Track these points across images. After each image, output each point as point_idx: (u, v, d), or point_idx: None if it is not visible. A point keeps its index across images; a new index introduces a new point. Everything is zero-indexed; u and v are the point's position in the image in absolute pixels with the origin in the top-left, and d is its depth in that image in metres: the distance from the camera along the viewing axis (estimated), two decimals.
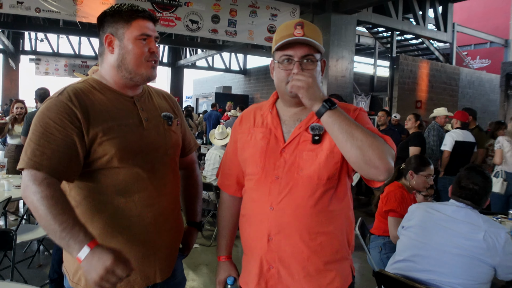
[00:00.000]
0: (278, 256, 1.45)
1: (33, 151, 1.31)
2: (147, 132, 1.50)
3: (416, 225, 2.31)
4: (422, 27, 12.09)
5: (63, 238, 1.24)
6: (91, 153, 1.39)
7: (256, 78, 19.86)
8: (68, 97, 1.38)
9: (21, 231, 3.60)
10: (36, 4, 6.93)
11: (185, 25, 8.12)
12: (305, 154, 1.42)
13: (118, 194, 1.43)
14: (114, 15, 1.48)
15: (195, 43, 16.28)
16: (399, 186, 3.14)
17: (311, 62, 1.43)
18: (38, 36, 17.83)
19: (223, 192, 1.73)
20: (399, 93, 11.91)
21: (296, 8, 9.21)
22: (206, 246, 4.82)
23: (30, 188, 1.28)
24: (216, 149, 5.40)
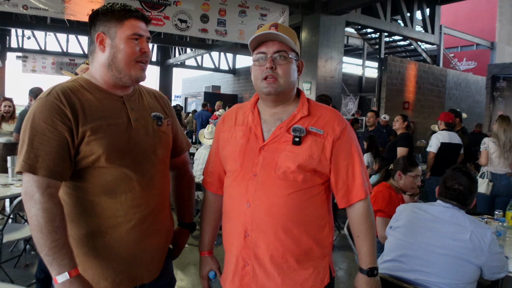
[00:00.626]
0: (254, 252, 1.47)
1: (27, 153, 1.32)
2: (136, 132, 1.50)
3: (403, 225, 2.33)
4: (410, 28, 12.21)
5: (48, 255, 1.29)
6: (79, 152, 1.39)
7: (245, 78, 19.86)
8: (57, 97, 1.37)
9: (8, 230, 3.56)
10: (23, 1, 6.85)
11: (174, 24, 8.09)
12: (284, 154, 1.45)
13: (105, 194, 1.43)
14: (106, 14, 1.48)
15: (184, 42, 16.24)
16: (387, 186, 3.17)
17: (284, 58, 1.48)
18: (25, 33, 17.59)
19: (206, 190, 1.75)
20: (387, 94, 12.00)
21: (286, 9, 9.23)
22: (195, 245, 4.80)
23: (34, 196, 1.30)
24: (205, 148, 5.39)
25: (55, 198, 1.34)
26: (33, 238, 1.32)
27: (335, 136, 1.47)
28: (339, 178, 1.50)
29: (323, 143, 1.46)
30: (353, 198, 1.51)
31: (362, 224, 1.52)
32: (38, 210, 1.29)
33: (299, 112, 1.51)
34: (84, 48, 18.80)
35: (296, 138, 1.45)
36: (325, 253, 1.52)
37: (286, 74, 1.48)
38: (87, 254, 1.44)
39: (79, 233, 1.44)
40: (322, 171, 1.47)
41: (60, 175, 1.35)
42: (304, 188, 1.45)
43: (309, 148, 1.44)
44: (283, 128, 1.48)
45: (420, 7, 12.63)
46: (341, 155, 1.48)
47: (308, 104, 1.54)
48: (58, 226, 1.31)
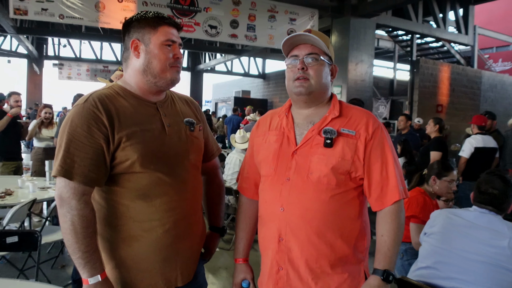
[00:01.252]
0: (288, 257, 1.48)
1: (63, 159, 1.36)
2: (169, 138, 1.53)
3: (439, 231, 2.28)
4: (442, 30, 11.95)
5: (82, 259, 1.35)
6: (115, 157, 1.43)
7: (275, 82, 19.86)
8: (93, 104, 1.41)
9: (45, 232, 3.68)
10: (59, 11, 7.09)
11: (204, 30, 8.19)
12: (316, 158, 1.45)
13: (140, 198, 1.46)
14: (140, 21, 1.52)
15: (214, 48, 16.39)
16: (421, 191, 3.11)
17: (315, 60, 1.49)
18: (61, 42, 18.18)
19: (242, 195, 1.77)
20: (420, 97, 11.77)
21: (315, 12, 9.20)
22: (226, 249, 4.83)
23: (70, 202, 1.35)
24: (236, 152, 5.42)
25: (90, 204, 1.39)
26: (66, 241, 1.37)
27: (368, 136, 1.46)
28: (372, 179, 1.47)
29: (356, 144, 1.45)
30: (387, 200, 1.46)
31: (389, 223, 1.46)
32: (75, 217, 1.34)
33: (330, 114, 1.51)
34: (117, 55, 19.26)
35: (328, 140, 1.44)
36: (360, 259, 1.50)
37: (318, 76, 1.49)
38: (123, 257, 1.48)
39: (115, 236, 1.48)
40: (355, 174, 1.45)
41: (95, 182, 1.39)
42: (338, 193, 1.44)
43: (341, 150, 1.44)
44: (314, 131, 1.49)
45: (453, 7, 12.34)
46: (374, 155, 1.46)
47: (340, 106, 1.54)
48: (92, 231, 1.37)
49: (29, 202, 3.46)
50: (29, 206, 3.50)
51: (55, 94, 33.58)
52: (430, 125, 5.86)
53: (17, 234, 2.76)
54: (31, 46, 15.88)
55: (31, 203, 3.50)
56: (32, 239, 2.74)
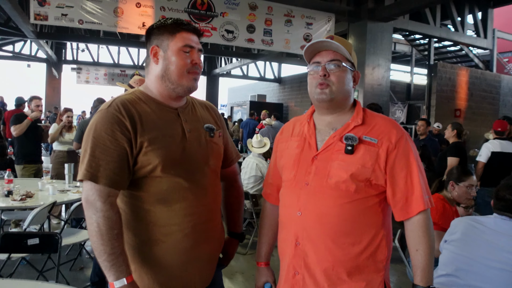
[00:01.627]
0: (304, 262, 1.47)
1: (89, 162, 1.38)
2: (190, 143, 1.54)
3: (459, 238, 2.25)
4: (460, 33, 11.82)
5: (108, 261, 1.35)
6: (137, 162, 1.44)
7: (290, 87, 19.85)
8: (117, 108, 1.44)
9: (64, 234, 3.73)
10: (79, 16, 7.22)
11: (221, 35, 8.24)
12: (336, 163, 1.44)
13: (160, 202, 1.47)
14: (160, 28, 1.55)
15: (230, 52, 16.47)
16: (441, 198, 3.06)
17: (337, 66, 1.48)
18: (79, 46, 18.47)
19: (265, 200, 1.79)
20: (437, 101, 11.66)
21: (332, 17, 9.19)
22: (242, 254, 4.84)
23: (95, 204, 1.37)
24: (253, 157, 5.42)
25: (115, 206, 1.41)
26: (92, 243, 1.38)
27: (391, 145, 1.44)
28: (396, 189, 1.44)
29: (377, 152, 1.43)
30: (412, 210, 1.44)
31: (422, 237, 1.44)
32: (100, 218, 1.35)
33: (353, 121, 1.50)
34: (134, 59, 19.49)
35: (349, 147, 1.44)
36: (380, 268, 1.47)
37: (340, 82, 1.48)
38: (143, 261, 1.49)
39: (136, 240, 1.49)
40: (376, 182, 1.44)
41: (120, 184, 1.41)
42: (357, 199, 1.42)
43: (362, 157, 1.43)
44: (336, 137, 1.48)
45: (471, 11, 12.21)
46: (398, 165, 1.44)
47: (364, 113, 1.53)
48: (117, 233, 1.38)
49: (49, 204, 3.52)
50: (49, 208, 3.55)
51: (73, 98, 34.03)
52: (448, 130, 5.80)
53: (38, 236, 2.81)
54: (50, 51, 16.15)
55: (51, 206, 3.56)
56: (53, 241, 2.78)
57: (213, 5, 8.07)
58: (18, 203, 3.60)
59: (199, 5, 7.95)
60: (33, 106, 5.60)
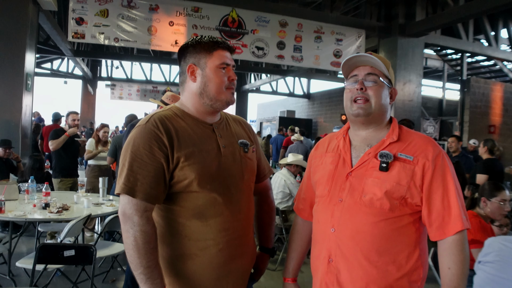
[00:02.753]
0: (337, 279, 1.45)
1: (127, 177, 1.42)
2: (225, 159, 1.56)
3: (495, 260, 2.19)
4: (494, 48, 11.57)
5: (143, 274, 1.38)
6: (173, 177, 1.47)
7: (319, 102, 19.81)
8: (155, 124, 1.47)
9: (98, 247, 3.81)
10: (115, 35, 7.47)
11: (251, 51, 8.34)
12: (371, 181, 1.43)
13: (195, 217, 1.49)
14: (196, 46, 1.59)
15: (260, 69, 16.61)
16: (474, 215, 2.99)
17: (375, 81, 1.48)
18: (113, 64, 19.03)
19: (297, 216, 1.79)
20: (471, 117, 11.40)
21: (362, 33, 9.17)
22: (271, 270, 4.82)
23: (132, 218, 1.40)
24: (282, 173, 5.45)
25: (151, 221, 1.43)
26: (128, 257, 1.40)
27: (427, 162, 1.42)
28: (432, 208, 1.41)
29: (413, 169, 1.41)
30: (449, 230, 1.39)
31: (455, 255, 1.38)
32: (137, 232, 1.38)
33: (388, 138, 1.49)
34: (166, 76, 19.90)
35: (383, 164, 1.42)
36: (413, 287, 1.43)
37: (377, 96, 1.48)
38: (177, 275, 1.51)
39: (171, 254, 1.52)
40: (411, 200, 1.41)
41: (156, 199, 1.44)
42: (391, 217, 1.40)
43: (397, 175, 1.41)
44: (371, 154, 1.48)
45: (505, 25, 11.94)
46: (434, 183, 1.41)
47: (399, 130, 1.52)
48: (153, 247, 1.41)
49: (85, 217, 3.61)
50: (84, 221, 3.65)
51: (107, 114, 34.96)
52: (480, 146, 5.71)
53: (74, 248, 2.89)
54: (86, 68, 16.71)
55: (86, 218, 3.65)
56: (88, 253, 2.86)
57: (243, 22, 8.20)
58: (54, 215, 3.71)
59: (230, 23, 8.09)
60: (69, 121, 5.80)
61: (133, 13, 7.53)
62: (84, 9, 7.34)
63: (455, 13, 8.29)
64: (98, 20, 7.40)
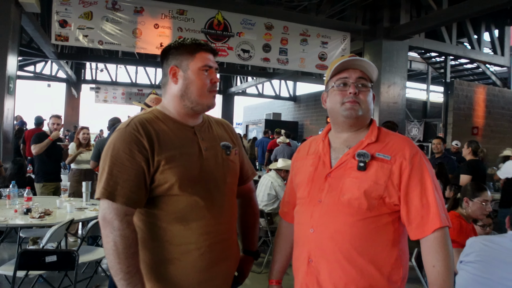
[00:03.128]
0: (317, 279, 1.45)
1: (107, 181, 1.39)
2: (207, 162, 1.55)
3: (476, 260, 2.20)
4: (477, 51, 11.74)
5: (123, 280, 1.35)
6: (154, 180, 1.45)
7: (305, 105, 19.89)
8: (135, 128, 1.45)
9: (81, 252, 3.75)
10: (99, 37, 7.39)
11: (237, 54, 8.33)
12: (349, 180, 1.44)
13: (177, 221, 1.48)
14: (178, 48, 1.57)
15: (246, 71, 16.63)
16: (456, 215, 3.02)
17: (365, 86, 1.50)
18: (98, 66, 18.86)
19: (282, 219, 1.80)
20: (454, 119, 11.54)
21: (347, 35, 9.23)
22: (257, 273, 4.80)
23: (112, 223, 1.37)
24: (270, 175, 5.46)
25: (132, 225, 1.41)
26: (108, 262, 1.38)
27: (404, 161, 1.43)
28: (411, 207, 1.41)
29: (390, 169, 1.42)
30: (428, 228, 1.38)
31: (439, 253, 1.36)
32: (117, 237, 1.36)
33: (367, 139, 1.51)
34: (151, 79, 19.79)
35: (361, 163, 1.43)
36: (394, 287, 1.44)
37: (366, 101, 1.51)
38: (159, 280, 1.49)
39: (152, 259, 1.49)
40: (389, 200, 1.42)
41: (137, 203, 1.42)
42: (370, 217, 1.41)
43: (375, 174, 1.42)
44: (349, 155, 1.49)
45: (488, 28, 12.14)
46: (412, 182, 1.41)
47: (378, 131, 1.53)
48: (134, 252, 1.38)
49: (67, 222, 3.56)
50: (66, 226, 3.59)
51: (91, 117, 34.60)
52: (464, 147, 5.79)
53: (56, 253, 2.84)
54: (70, 71, 16.54)
55: (68, 223, 3.60)
56: (70, 259, 2.82)
57: (229, 25, 8.19)
58: (36, 220, 3.64)
59: (215, 26, 8.08)
60: (51, 125, 5.71)
61: (118, 16, 7.47)
62: (68, 11, 7.25)
63: (438, 17, 8.40)
64: (82, 22, 7.32)
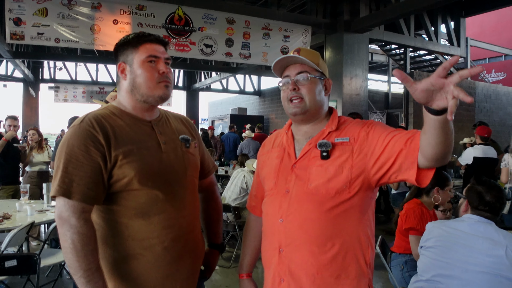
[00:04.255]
0: (289, 268, 1.48)
1: (62, 178, 1.37)
2: (166, 155, 1.55)
3: (436, 245, 2.27)
4: (435, 43, 12.07)
5: (83, 278, 1.33)
6: (112, 176, 1.44)
7: (270, 99, 19.96)
8: (90, 124, 1.44)
9: (44, 255, 3.65)
10: (55, 35, 7.14)
11: (200, 49, 8.26)
12: (315, 169, 1.47)
13: (138, 216, 1.47)
14: (123, 44, 1.57)
15: (210, 67, 16.50)
16: (418, 203, 3.11)
17: (305, 78, 1.52)
18: (56, 65, 18.28)
19: (250, 213, 1.82)
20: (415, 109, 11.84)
21: (308, 29, 9.30)
22: (226, 267, 4.81)
23: (69, 220, 1.35)
24: (243, 170, 5.47)
25: (90, 222, 1.39)
26: (67, 260, 1.36)
27: (361, 133, 1.46)
28: (392, 150, 1.35)
29: (351, 148, 1.45)
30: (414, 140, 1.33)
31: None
32: (74, 234, 1.33)
33: (328, 128, 1.53)
34: (113, 76, 19.34)
35: (324, 153, 1.46)
36: (364, 272, 1.47)
37: (310, 93, 1.52)
38: (122, 276, 1.47)
39: (114, 255, 1.48)
40: (358, 179, 1.43)
41: (94, 199, 1.40)
42: (337, 203, 1.43)
43: (338, 158, 1.45)
44: (312, 144, 1.52)
45: (444, 20, 12.49)
46: (375, 135, 1.42)
47: (338, 120, 1.56)
48: (93, 249, 1.36)
49: (28, 225, 3.45)
50: (27, 229, 3.48)
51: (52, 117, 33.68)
52: None
53: (16, 257, 2.75)
54: (27, 70, 15.94)
55: (29, 227, 3.49)
56: (31, 262, 2.73)
57: (190, 20, 8.10)
58: None
59: (176, 21, 7.96)
60: (6, 126, 5.51)
61: (74, 12, 7.22)
62: (22, 9, 6.96)
63: (396, 9, 8.57)
64: (37, 20, 7.04)
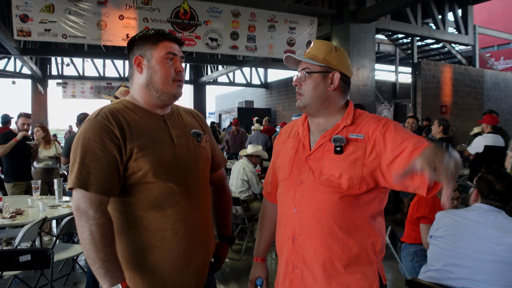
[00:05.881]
0: (302, 256, 1.52)
1: (79, 170, 1.39)
2: (179, 149, 1.57)
3: (446, 234, 2.28)
4: (442, 31, 11.97)
5: (102, 268, 1.35)
6: (127, 168, 1.46)
7: (277, 91, 19.94)
8: (105, 117, 1.46)
9: (56, 250, 3.70)
10: (62, 31, 7.19)
11: (205, 43, 8.27)
12: (327, 162, 1.49)
13: (152, 208, 1.49)
14: (142, 38, 1.59)
15: (216, 60, 16.49)
16: None
17: (305, 74, 1.57)
18: (64, 61, 18.36)
19: (265, 199, 1.87)
20: (423, 98, 11.80)
21: (314, 20, 9.26)
22: (236, 260, 4.84)
23: (87, 212, 1.37)
24: (241, 161, 5.50)
25: (107, 213, 1.42)
26: (85, 252, 1.38)
27: (375, 133, 1.46)
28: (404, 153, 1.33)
29: (365, 147, 1.46)
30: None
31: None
32: (93, 225, 1.36)
33: (343, 122, 1.55)
34: (120, 71, 19.42)
35: (338, 148, 1.48)
36: (373, 260, 1.51)
37: (308, 89, 1.56)
38: (137, 267, 1.50)
39: (130, 247, 1.50)
40: (369, 177, 1.44)
41: (110, 191, 1.43)
42: (349, 195, 1.46)
43: (352, 155, 1.46)
44: (326, 138, 1.53)
45: (451, 8, 12.37)
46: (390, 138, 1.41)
47: (354, 114, 1.57)
48: (110, 240, 1.39)
49: (40, 220, 3.49)
50: (39, 224, 3.53)
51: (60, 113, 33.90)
52: (435, 126, 5.89)
53: (30, 252, 2.79)
54: (35, 67, 16.03)
55: (41, 222, 3.53)
56: (45, 257, 2.77)
57: (196, 14, 8.10)
58: (8, 220, 3.57)
59: (182, 15, 7.97)
60: (20, 125, 5.57)
61: (81, 8, 7.27)
62: (28, 5, 7.01)
63: None
64: (43, 16, 7.09)
